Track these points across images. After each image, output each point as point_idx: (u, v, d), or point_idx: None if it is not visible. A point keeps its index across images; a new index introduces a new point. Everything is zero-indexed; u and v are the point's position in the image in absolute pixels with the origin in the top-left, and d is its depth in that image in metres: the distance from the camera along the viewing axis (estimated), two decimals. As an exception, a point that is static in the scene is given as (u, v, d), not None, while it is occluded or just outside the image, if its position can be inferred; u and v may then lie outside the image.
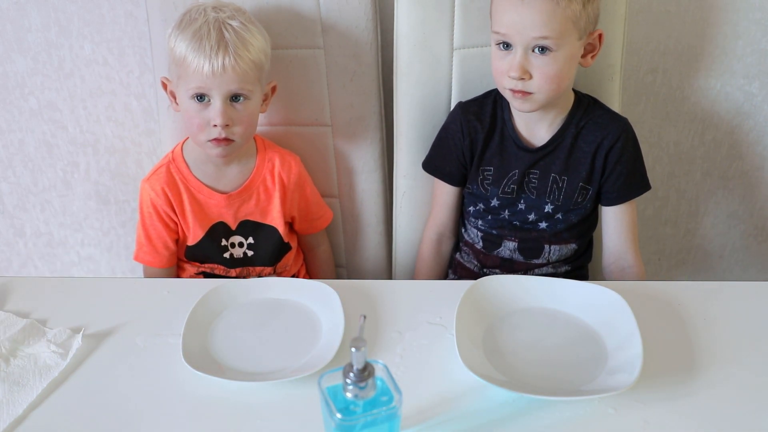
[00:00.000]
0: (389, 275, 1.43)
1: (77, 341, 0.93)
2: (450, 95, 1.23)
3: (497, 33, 1.05)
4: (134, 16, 1.32)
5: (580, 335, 0.93)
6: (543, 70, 1.03)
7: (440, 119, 1.25)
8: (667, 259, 1.64)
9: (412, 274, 1.36)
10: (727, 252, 1.62)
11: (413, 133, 1.26)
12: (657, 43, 1.37)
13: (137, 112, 1.42)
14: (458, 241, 1.29)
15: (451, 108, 1.24)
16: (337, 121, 1.30)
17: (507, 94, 1.09)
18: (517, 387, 0.83)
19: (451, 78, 1.22)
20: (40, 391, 0.86)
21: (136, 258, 1.24)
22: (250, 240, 1.25)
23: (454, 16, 1.17)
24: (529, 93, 1.06)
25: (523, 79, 1.04)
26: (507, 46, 1.05)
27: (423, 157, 1.26)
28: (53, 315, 0.99)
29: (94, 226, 1.56)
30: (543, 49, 1.03)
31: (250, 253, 1.26)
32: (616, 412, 0.82)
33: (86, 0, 1.32)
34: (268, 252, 1.27)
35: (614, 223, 1.19)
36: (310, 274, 1.38)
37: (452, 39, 1.19)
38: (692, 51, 1.37)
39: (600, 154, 1.13)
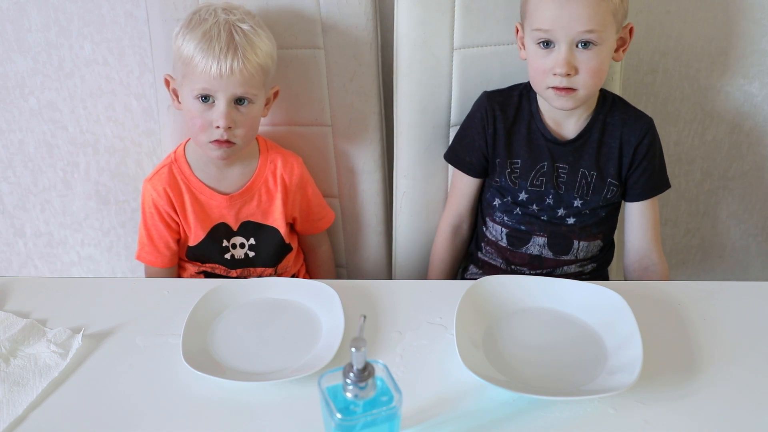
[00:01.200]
0: (389, 275, 1.43)
1: (77, 341, 0.93)
2: (450, 95, 1.23)
3: (539, 30, 1.04)
4: (134, 16, 1.32)
5: (580, 335, 0.93)
6: (588, 64, 1.03)
7: (440, 119, 1.25)
8: (667, 259, 1.63)
9: (412, 274, 1.36)
10: (727, 252, 1.62)
11: (413, 133, 1.26)
12: (657, 43, 1.37)
13: (137, 112, 1.42)
14: (473, 235, 1.29)
15: (452, 108, 1.24)
16: (337, 121, 1.30)
17: (548, 93, 1.07)
18: (517, 387, 0.83)
19: (451, 78, 1.22)
20: (40, 391, 0.86)
21: (138, 257, 1.24)
22: (252, 241, 1.25)
23: (454, 16, 1.18)
24: (574, 90, 1.05)
25: (569, 75, 1.03)
26: (548, 44, 1.04)
27: (423, 158, 1.27)
28: (53, 315, 0.99)
29: (94, 226, 1.56)
30: (586, 44, 1.02)
31: (251, 254, 1.26)
32: (616, 412, 0.82)
33: (86, 0, 1.32)
34: (270, 253, 1.26)
35: (639, 220, 1.19)
36: (310, 274, 1.38)
37: (452, 39, 1.19)
38: (692, 51, 1.37)
39: (627, 150, 1.13)
